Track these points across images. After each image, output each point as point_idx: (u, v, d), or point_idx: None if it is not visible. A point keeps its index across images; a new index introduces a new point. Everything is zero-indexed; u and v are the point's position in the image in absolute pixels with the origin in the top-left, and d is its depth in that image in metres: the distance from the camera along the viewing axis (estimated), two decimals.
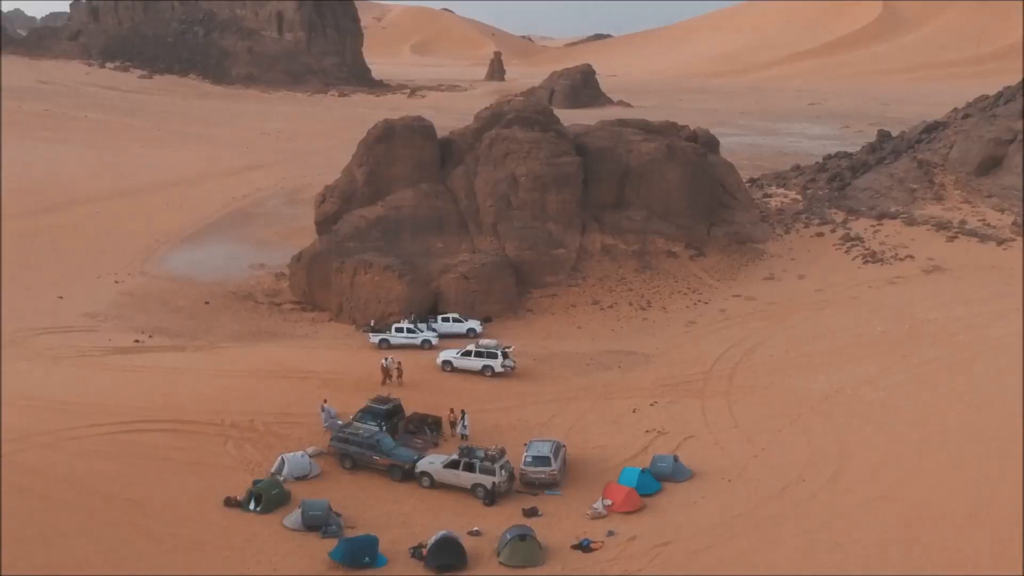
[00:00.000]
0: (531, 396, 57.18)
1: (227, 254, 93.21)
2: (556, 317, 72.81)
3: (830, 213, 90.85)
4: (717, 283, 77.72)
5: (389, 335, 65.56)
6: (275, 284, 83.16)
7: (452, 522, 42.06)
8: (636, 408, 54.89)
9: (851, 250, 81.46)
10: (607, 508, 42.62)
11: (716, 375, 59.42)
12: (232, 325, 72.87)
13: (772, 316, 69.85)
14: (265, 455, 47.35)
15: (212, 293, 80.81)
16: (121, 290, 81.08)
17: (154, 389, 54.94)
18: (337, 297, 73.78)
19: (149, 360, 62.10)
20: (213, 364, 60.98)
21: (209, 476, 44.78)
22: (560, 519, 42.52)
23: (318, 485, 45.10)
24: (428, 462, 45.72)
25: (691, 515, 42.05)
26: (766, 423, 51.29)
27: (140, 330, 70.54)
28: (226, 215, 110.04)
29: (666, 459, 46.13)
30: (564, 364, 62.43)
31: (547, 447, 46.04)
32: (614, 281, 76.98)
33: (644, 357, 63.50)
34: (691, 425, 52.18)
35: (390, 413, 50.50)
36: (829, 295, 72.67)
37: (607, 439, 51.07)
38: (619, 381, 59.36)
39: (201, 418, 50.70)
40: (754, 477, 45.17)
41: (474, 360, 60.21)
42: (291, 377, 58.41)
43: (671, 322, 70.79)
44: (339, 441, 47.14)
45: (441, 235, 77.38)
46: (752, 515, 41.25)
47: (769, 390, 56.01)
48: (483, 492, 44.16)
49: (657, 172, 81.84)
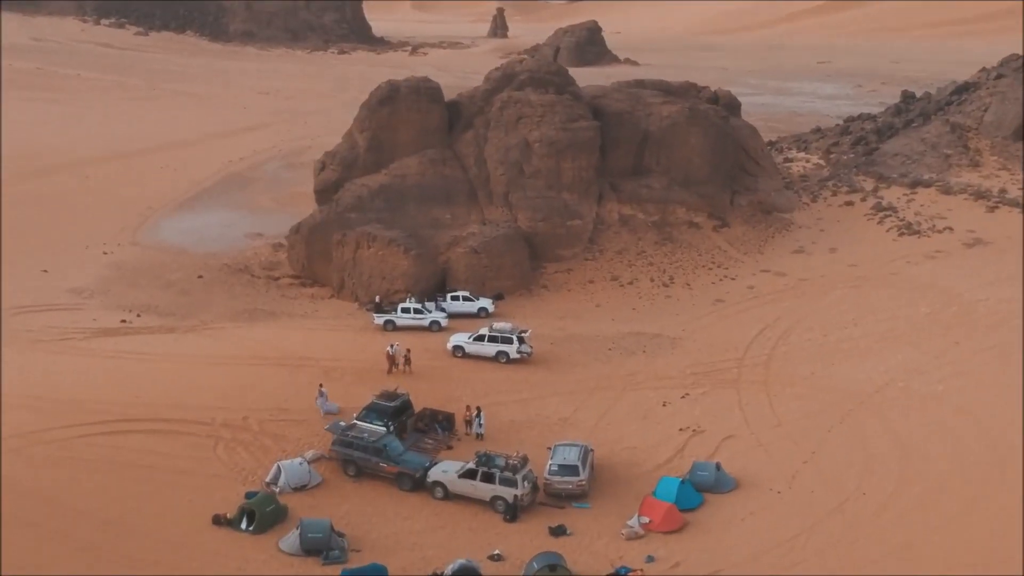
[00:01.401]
0: (550, 386, 51.89)
1: (222, 222, 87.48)
2: (573, 294, 67.31)
3: (858, 180, 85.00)
4: (743, 256, 72.12)
5: (395, 316, 60.09)
6: (272, 256, 77.52)
7: (469, 543, 36.97)
8: (666, 401, 49.61)
9: (884, 221, 75.77)
10: (644, 527, 37.47)
11: (751, 362, 54.09)
12: (226, 302, 67.33)
13: (805, 294, 64.37)
14: (259, 461, 42.12)
15: (206, 266, 75.19)
16: (110, 262, 75.42)
17: (139, 381, 49.58)
18: (338, 272, 68.23)
19: (135, 344, 56.68)
20: (204, 349, 55.60)
21: (197, 488, 39.56)
22: (591, 539, 37.38)
23: (319, 496, 39.96)
24: (441, 471, 40.50)
25: (740, 536, 36.91)
26: (813, 421, 46.03)
27: (128, 308, 64.99)
28: (222, 179, 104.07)
29: (707, 467, 40.90)
30: (584, 348, 57.06)
31: (574, 453, 40.78)
32: (633, 254, 71.37)
33: (670, 340, 58.12)
34: (729, 422, 46.92)
35: (398, 410, 45.20)
36: (865, 271, 67.12)
37: (637, 438, 45.85)
38: (645, 368, 54.05)
39: (189, 416, 45.43)
40: (806, 488, 39.97)
41: (487, 345, 54.84)
42: (288, 365, 53.05)
43: (696, 300, 65.32)
44: (342, 445, 41.85)
45: (449, 205, 71.63)
46: (810, 537, 36.10)
47: (811, 381, 50.69)
48: (504, 506, 38.99)
49: (678, 137, 75.86)
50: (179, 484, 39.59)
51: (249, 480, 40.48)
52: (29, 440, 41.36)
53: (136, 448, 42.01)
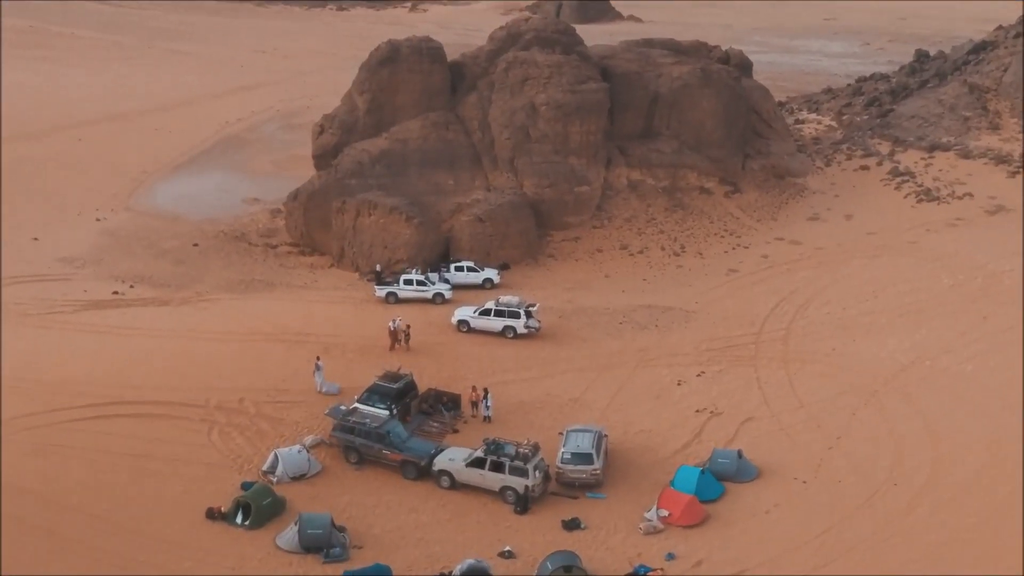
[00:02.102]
0: (559, 363, 49.47)
1: (219, 186, 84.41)
2: (581, 264, 64.64)
3: (873, 143, 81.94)
4: (756, 224, 69.38)
5: (397, 288, 57.50)
6: (270, 222, 74.68)
7: (478, 539, 34.73)
8: (681, 379, 47.23)
9: (902, 186, 72.90)
10: (663, 520, 35.20)
11: (768, 337, 51.64)
12: (222, 272, 64.65)
13: (822, 264, 61.73)
14: (256, 447, 39.79)
15: (202, 233, 72.36)
16: (103, 229, 72.63)
17: (129, 360, 47.13)
18: (338, 241, 65.53)
19: (127, 318, 54.19)
20: (199, 324, 53.06)
21: (189, 478, 37.25)
22: (607, 533, 35.12)
23: (318, 486, 37.67)
24: (448, 459, 38.15)
25: (765, 531, 34.64)
26: (836, 402, 43.66)
27: (120, 278, 62.37)
28: (219, 141, 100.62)
29: (728, 455, 38.56)
30: (593, 322, 54.55)
31: (588, 440, 38.39)
32: (643, 222, 68.60)
33: (683, 313, 55.59)
34: (748, 403, 44.55)
35: (401, 392, 42.78)
36: (883, 239, 64.41)
37: (651, 421, 43.49)
38: (657, 344, 51.59)
39: (182, 398, 43.05)
40: (833, 477, 37.67)
41: (494, 320, 52.33)
42: (286, 340, 50.58)
43: (709, 270, 62.68)
44: (343, 431, 39.46)
45: (452, 171, 68.70)
46: (840, 533, 33.84)
47: (832, 358, 48.27)
48: (514, 497, 36.70)
49: (690, 99, 72.75)
50: (171, 474, 37.28)
51: (245, 469, 38.17)
52: (11, 427, 39.01)
53: (126, 434, 39.65)
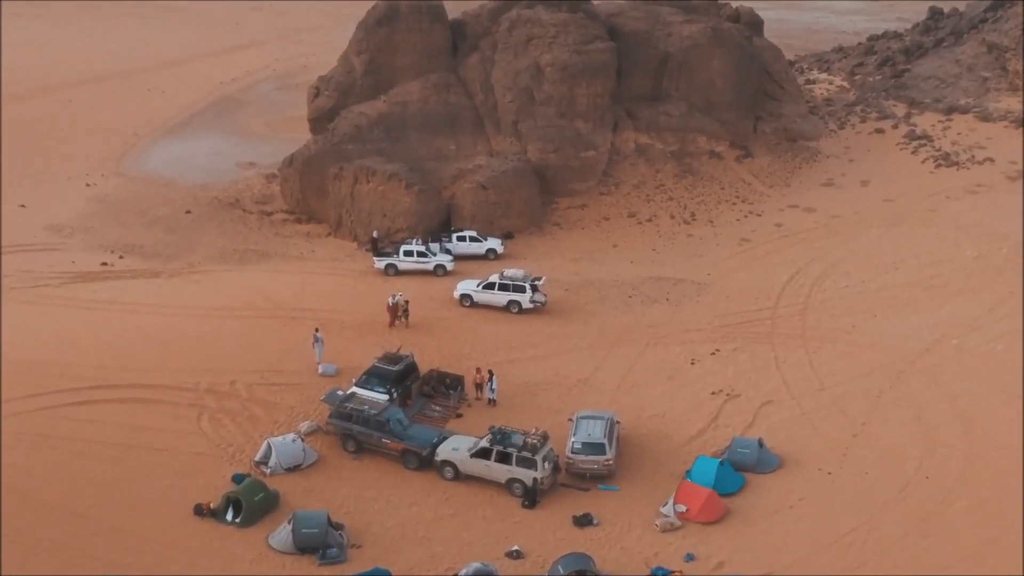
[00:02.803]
0: (566, 340, 47.00)
1: (213, 150, 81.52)
2: (587, 233, 61.94)
3: (888, 105, 78.88)
4: (769, 190, 66.57)
5: (396, 259, 54.88)
6: (266, 188, 71.90)
7: (484, 536, 32.46)
8: (695, 358, 44.79)
9: (919, 151, 70.02)
10: (681, 516, 32.94)
11: (785, 312, 49.16)
12: (215, 241, 62.02)
13: (838, 233, 59.08)
14: (248, 435, 37.38)
15: (195, 199, 69.65)
16: (92, 196, 69.95)
17: (116, 338, 44.68)
18: (335, 208, 62.78)
19: (115, 292, 51.67)
20: (190, 299, 50.54)
21: (177, 470, 34.90)
22: (621, 531, 32.84)
23: (314, 478, 35.31)
24: (451, 448, 35.77)
25: (789, 528, 32.37)
26: (859, 385, 41.25)
27: (110, 248, 59.86)
28: (213, 102, 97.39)
29: (749, 444, 36.19)
30: (601, 295, 51.99)
31: (599, 428, 36.00)
32: (651, 188, 65.81)
33: (695, 286, 53.04)
34: (765, 385, 42.14)
35: (402, 375, 40.31)
36: (902, 207, 61.73)
37: (665, 403, 41.09)
38: (669, 319, 49.11)
39: (171, 381, 40.63)
40: (859, 468, 35.34)
41: (498, 294, 49.80)
42: (281, 317, 48.10)
43: (721, 239, 60.00)
44: (340, 419, 37.03)
45: (453, 135, 65.77)
46: (870, 532, 31.58)
47: (854, 336, 45.82)
48: (521, 490, 34.40)
49: (700, 59, 69.58)
50: (157, 466, 34.92)
51: (236, 459, 35.81)
52: None
53: (110, 422, 37.27)
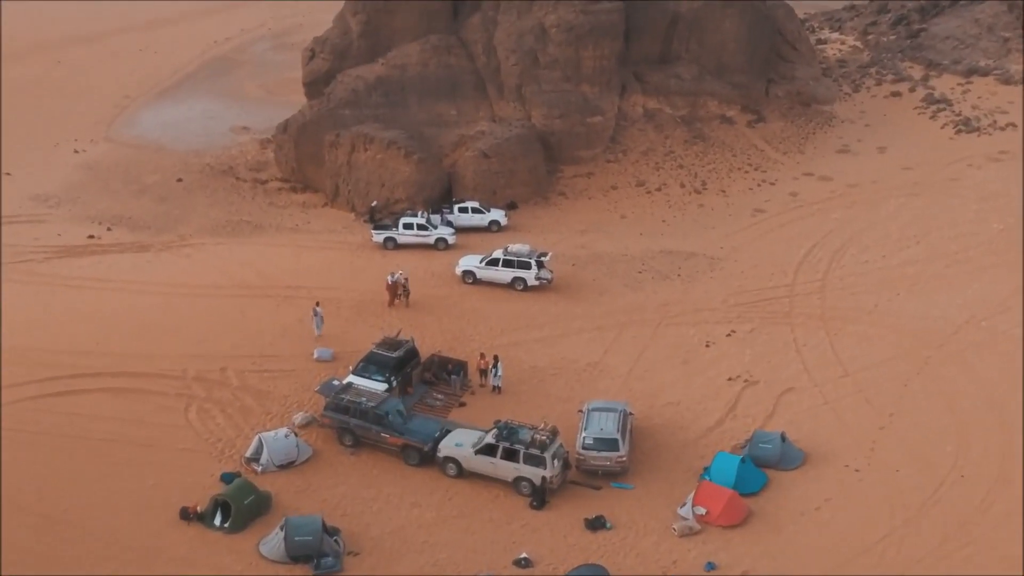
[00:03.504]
0: (574, 320, 44.50)
1: (206, 113, 78.42)
2: (594, 203, 59.22)
3: (904, 67, 75.73)
4: (782, 157, 63.70)
5: (395, 232, 52.25)
6: (260, 154, 69.00)
7: (490, 541, 30.20)
8: (709, 340, 42.34)
9: (938, 115, 67.06)
10: (700, 518, 30.67)
11: (803, 290, 46.62)
12: (207, 211, 59.31)
13: (856, 204, 56.36)
14: (239, 428, 35.02)
15: (186, 166, 66.84)
16: (81, 163, 67.15)
17: (101, 320, 42.17)
18: (332, 177, 59.99)
19: (102, 268, 49.17)
20: (179, 276, 47.98)
21: (162, 468, 32.55)
22: (637, 535, 30.56)
23: (308, 475, 32.98)
24: (455, 444, 33.40)
25: (817, 534, 30.07)
26: (885, 371, 38.81)
27: (98, 220, 57.23)
28: (206, 63, 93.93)
29: (771, 438, 33.82)
30: (610, 271, 49.44)
31: (612, 421, 33.61)
32: (660, 155, 62.96)
33: (708, 260, 50.47)
34: (785, 370, 39.71)
35: (401, 362, 37.86)
36: (921, 175, 58.93)
37: (679, 391, 38.70)
38: (681, 297, 46.59)
39: (157, 368, 38.19)
40: (888, 465, 32.99)
41: (502, 271, 47.24)
42: (275, 296, 45.55)
43: (734, 210, 57.32)
44: (336, 411, 34.62)
45: (454, 100, 62.78)
46: (904, 539, 29.27)
47: (876, 317, 43.30)
48: (529, 489, 32.12)
49: (711, 20, 66.47)
50: (141, 463, 32.57)
51: (226, 455, 33.46)
52: None
53: (92, 414, 34.88)
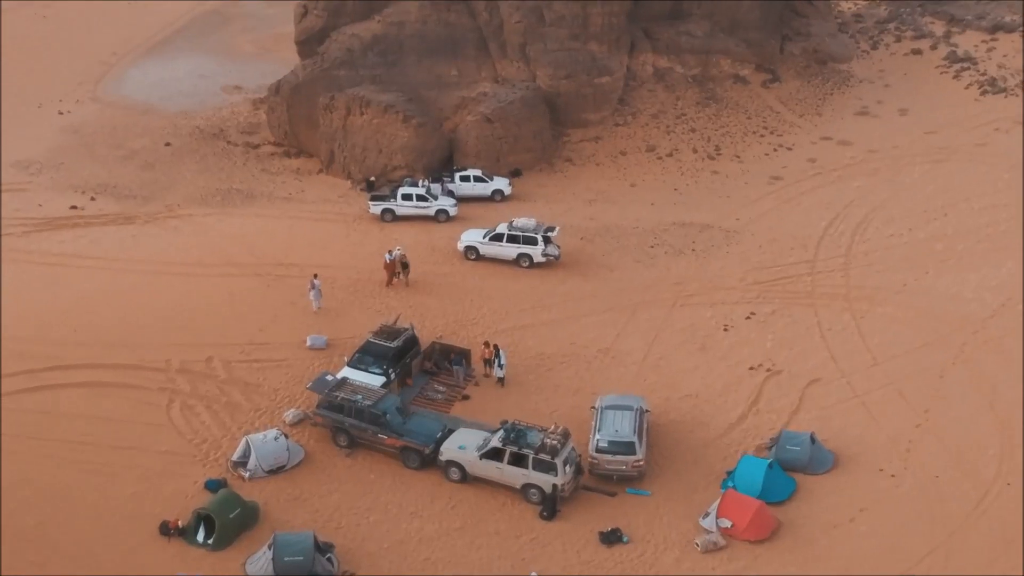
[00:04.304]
0: (583, 301, 41.60)
1: (196, 71, 74.74)
2: (602, 169, 56.00)
3: (925, 22, 71.89)
4: (799, 119, 60.31)
5: (394, 203, 49.15)
6: (252, 115, 65.64)
7: (497, 557, 27.61)
8: (728, 324, 39.49)
9: (961, 75, 63.47)
10: (725, 532, 28.06)
11: (825, 267, 43.67)
12: (196, 179, 56.10)
13: (878, 171, 53.16)
14: (225, 428, 32.27)
15: (175, 129, 63.51)
16: (65, 125, 63.82)
17: (79, 303, 39.26)
18: (327, 142, 56.73)
19: (83, 243, 46.16)
20: (165, 252, 44.99)
21: (142, 474, 29.86)
22: (656, 550, 27.96)
23: (300, 481, 30.29)
24: (458, 447, 30.66)
25: (852, 550, 27.44)
26: (917, 359, 35.98)
27: (81, 188, 54.09)
28: (196, 17, 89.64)
29: (800, 439, 31.08)
30: (620, 245, 46.47)
31: (627, 421, 30.87)
32: (672, 118, 59.60)
33: (723, 233, 47.46)
34: (810, 358, 36.88)
35: (400, 352, 35.04)
36: (946, 140, 55.62)
37: (698, 382, 35.93)
38: (696, 274, 43.65)
39: (139, 359, 35.35)
40: (927, 470, 30.29)
41: (507, 247, 44.26)
42: (266, 275, 42.59)
43: (749, 177, 54.15)
44: (330, 409, 31.86)
45: (455, 60, 59.20)
46: (950, 558, 26.66)
47: (905, 297, 40.39)
48: (539, 497, 29.50)
49: None
50: (119, 469, 29.86)
51: (211, 459, 30.75)
52: None
53: (67, 412, 32.12)
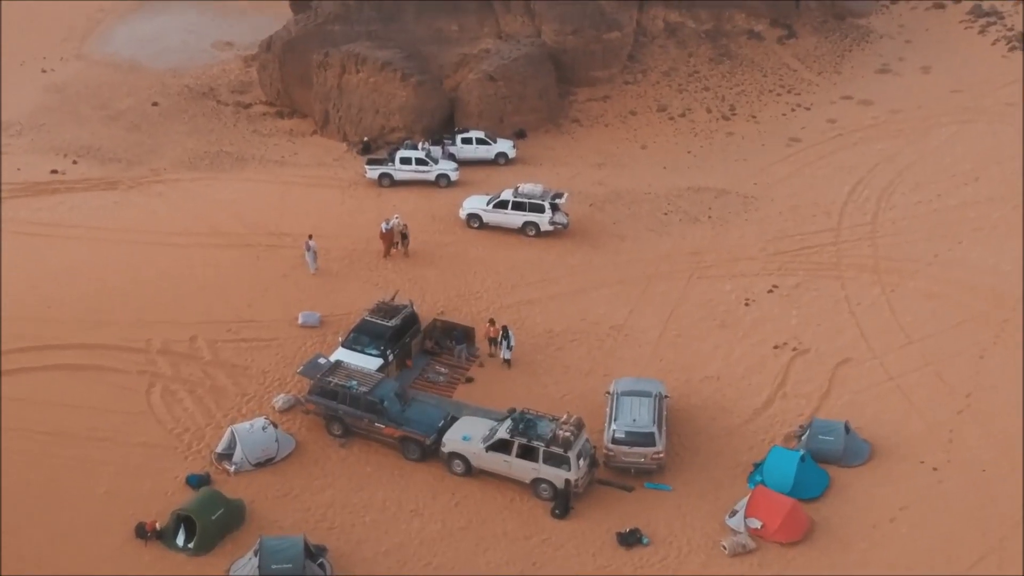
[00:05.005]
0: (594, 273, 38.78)
1: (186, 26, 71.08)
2: (612, 131, 52.93)
3: None
4: (817, 78, 57.04)
5: (392, 168, 46.14)
6: (243, 74, 62.38)
7: (505, 562, 25.06)
8: (749, 298, 36.73)
9: (987, 30, 60.00)
10: (755, 532, 25.51)
11: (850, 235, 40.79)
12: (184, 141, 53.06)
13: (902, 132, 50.07)
14: (210, 415, 29.59)
15: (163, 87, 60.34)
16: (49, 84, 60.64)
17: (55, 277, 36.48)
18: (321, 102, 53.59)
19: (63, 211, 43.30)
20: (148, 220, 42.11)
21: (118, 468, 27.22)
22: (680, 552, 25.42)
23: (290, 475, 27.64)
24: (462, 436, 28.03)
25: (896, 554, 24.87)
26: (954, 338, 33.25)
27: (63, 151, 51.25)
28: None
29: (833, 428, 28.40)
30: (632, 212, 43.55)
31: (646, 410, 28.19)
32: (684, 76, 56.36)
33: (741, 199, 44.51)
34: (839, 336, 34.17)
35: (399, 331, 32.31)
36: (973, 100, 52.42)
37: (719, 362, 33.23)
38: (714, 243, 40.80)
39: (117, 338, 32.66)
40: (972, 461, 27.65)
41: (512, 214, 41.35)
42: (256, 245, 39.78)
43: (766, 139, 51.10)
44: (322, 395, 29.16)
45: (456, 14, 55.76)
46: (1003, 564, 24.12)
47: (937, 269, 37.56)
48: (550, 493, 26.93)
49: None
50: (92, 464, 27.21)
51: (193, 450, 28.11)
52: None
53: (38, 399, 29.41)
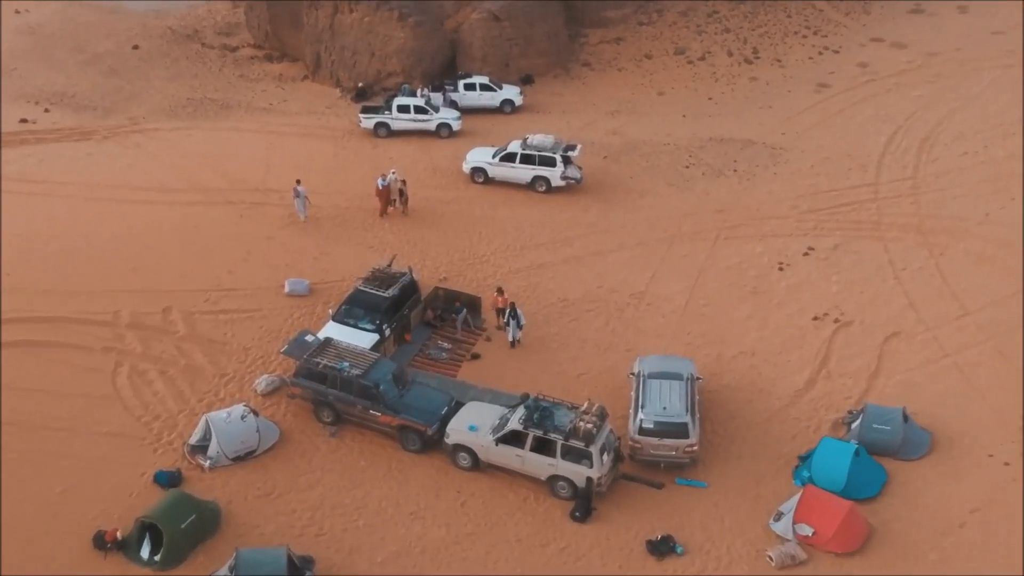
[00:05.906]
0: (610, 233, 34.99)
1: None
2: (625, 76, 48.80)
3: None
4: (845, 18, 52.75)
5: (388, 116, 42.08)
6: (231, 15, 58.05)
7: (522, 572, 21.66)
8: (783, 262, 33.01)
9: None
10: (806, 540, 22.05)
11: (890, 192, 36.96)
12: (166, 87, 48.96)
13: (940, 77, 46.04)
14: (183, 400, 25.94)
15: (145, 30, 56.06)
16: (22, 25, 56.27)
17: (16, 241, 32.64)
18: (312, 45, 49.34)
19: (31, 163, 39.39)
20: (123, 174, 38.25)
21: (76, 464, 23.62)
22: (719, 563, 21.94)
23: (273, 471, 24.06)
24: (468, 426, 24.41)
25: (969, 567, 21.46)
26: (1014, 308, 29.59)
27: (35, 98, 47.22)
28: None
29: (889, 416, 24.76)
30: (650, 165, 39.64)
31: (677, 395, 24.55)
32: (702, 16, 52.05)
33: (768, 151, 40.58)
34: (886, 306, 30.48)
35: (397, 302, 28.60)
36: (1015, 41, 48.26)
37: (753, 334, 29.56)
38: (741, 200, 36.97)
39: (82, 310, 28.93)
40: None
41: (520, 168, 37.44)
42: (239, 203, 35.95)
43: (793, 84, 47.02)
44: (309, 378, 25.50)
45: None
46: None
47: (988, 229, 33.81)
48: (570, 493, 23.42)
49: None
50: (48, 458, 23.62)
51: (164, 442, 24.52)
52: None
53: None
